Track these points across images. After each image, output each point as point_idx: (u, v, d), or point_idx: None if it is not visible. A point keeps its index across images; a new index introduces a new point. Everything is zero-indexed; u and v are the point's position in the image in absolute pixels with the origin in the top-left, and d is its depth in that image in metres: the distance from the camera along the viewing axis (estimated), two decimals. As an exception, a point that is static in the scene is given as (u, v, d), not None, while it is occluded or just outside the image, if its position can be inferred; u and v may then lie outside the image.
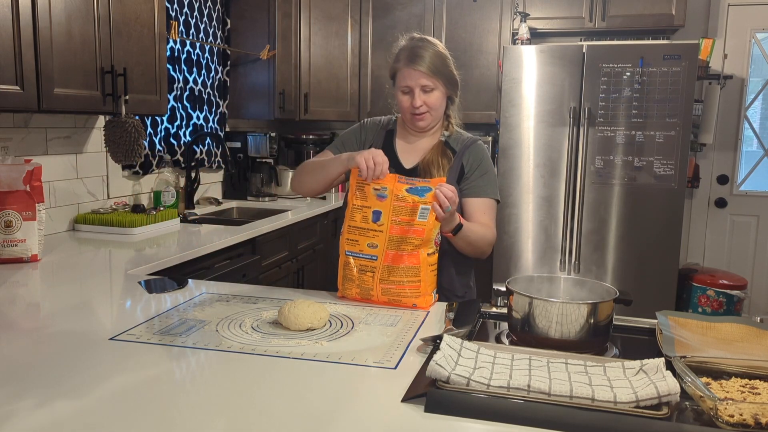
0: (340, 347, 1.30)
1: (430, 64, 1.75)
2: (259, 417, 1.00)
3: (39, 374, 1.13)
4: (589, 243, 3.60)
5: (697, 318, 1.40)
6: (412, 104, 1.78)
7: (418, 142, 1.87)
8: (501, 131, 3.65)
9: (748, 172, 4.25)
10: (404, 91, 1.79)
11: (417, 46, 1.77)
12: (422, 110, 1.78)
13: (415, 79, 1.75)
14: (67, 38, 2.13)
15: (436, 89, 1.78)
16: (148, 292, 1.71)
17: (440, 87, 1.78)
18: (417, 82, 1.75)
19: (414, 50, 1.76)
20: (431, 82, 1.76)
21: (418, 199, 1.56)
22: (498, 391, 1.02)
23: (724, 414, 0.94)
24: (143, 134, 2.46)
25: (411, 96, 1.78)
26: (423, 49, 1.76)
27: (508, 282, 1.44)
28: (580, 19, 3.92)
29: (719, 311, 3.79)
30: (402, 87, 1.79)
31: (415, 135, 1.88)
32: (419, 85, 1.76)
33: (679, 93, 3.38)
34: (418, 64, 1.74)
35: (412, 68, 1.75)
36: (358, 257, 1.62)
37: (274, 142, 3.88)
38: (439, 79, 1.77)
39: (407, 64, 1.76)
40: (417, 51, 1.76)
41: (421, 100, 1.77)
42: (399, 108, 1.84)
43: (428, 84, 1.76)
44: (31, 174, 2.12)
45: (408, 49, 1.77)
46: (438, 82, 1.77)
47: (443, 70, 1.78)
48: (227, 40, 3.74)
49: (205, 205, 3.54)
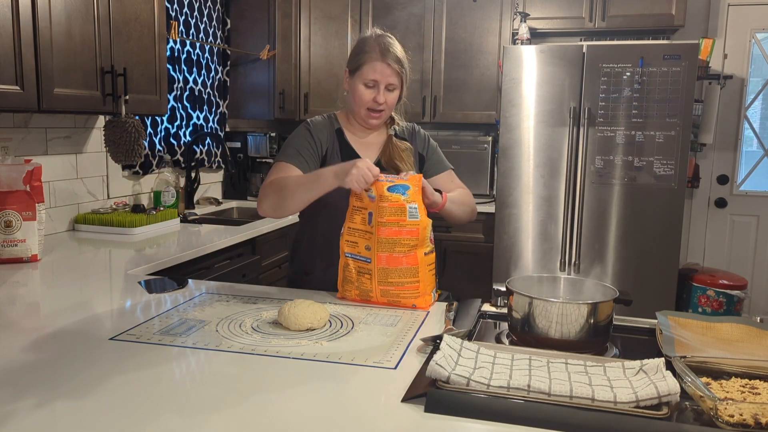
0: (340, 347, 1.30)
1: (398, 58, 1.76)
2: (259, 417, 1.00)
3: (39, 374, 1.13)
4: (589, 243, 3.60)
5: (697, 318, 1.40)
6: (375, 99, 1.77)
7: (367, 138, 1.90)
8: (501, 131, 3.65)
9: (748, 172, 4.25)
10: (368, 85, 1.77)
11: (388, 42, 1.77)
12: (381, 108, 1.79)
13: (384, 75, 1.75)
14: (67, 38, 2.13)
15: (397, 89, 1.80)
16: (148, 292, 1.71)
17: (400, 87, 1.81)
18: (385, 78, 1.76)
19: (386, 45, 1.76)
20: (397, 80, 1.77)
21: (403, 198, 1.55)
22: (498, 391, 1.02)
23: (724, 414, 0.94)
24: (143, 134, 2.46)
25: (375, 91, 1.77)
26: (393, 46, 1.77)
27: (508, 282, 1.44)
28: (580, 19, 3.91)
29: (719, 311, 3.79)
30: (367, 80, 1.77)
31: (363, 131, 1.89)
32: (386, 82, 1.76)
33: (679, 93, 3.38)
34: (390, 59, 1.74)
35: (384, 62, 1.74)
36: (357, 259, 1.62)
37: (274, 142, 3.88)
38: (402, 78, 1.79)
39: (380, 57, 1.74)
40: (389, 46, 1.76)
41: (384, 98, 1.77)
42: (354, 101, 1.80)
43: (394, 83, 1.77)
44: (31, 174, 2.12)
45: (380, 43, 1.76)
46: (401, 81, 1.79)
47: (406, 69, 1.80)
48: (227, 40, 3.74)
49: (205, 205, 3.54)
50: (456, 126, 4.28)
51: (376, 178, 1.56)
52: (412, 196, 1.55)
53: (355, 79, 1.79)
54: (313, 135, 1.84)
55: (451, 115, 4.07)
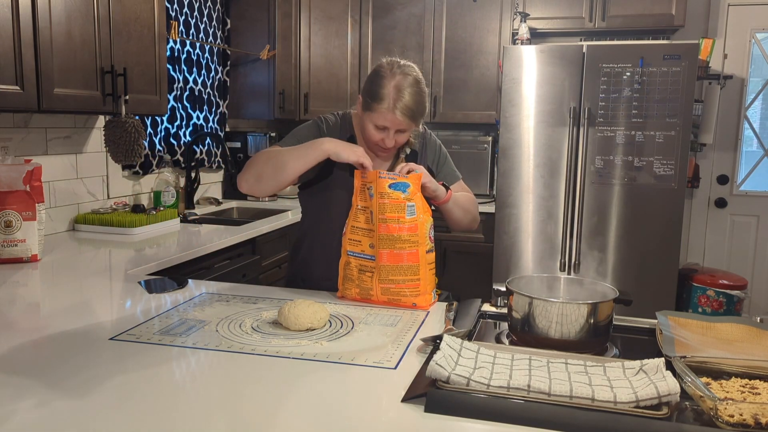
0: (340, 347, 1.30)
1: (414, 109, 1.68)
2: (258, 417, 1.00)
3: (39, 374, 1.13)
4: (589, 243, 3.60)
5: (697, 318, 1.40)
6: (384, 141, 1.72)
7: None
8: (501, 131, 3.65)
9: (748, 172, 4.25)
10: (378, 128, 1.71)
11: (401, 86, 1.66)
12: (390, 146, 1.75)
13: (395, 124, 1.69)
14: (67, 38, 2.13)
15: (409, 129, 1.75)
16: (148, 292, 1.71)
17: (412, 127, 1.75)
18: (396, 126, 1.70)
19: (401, 92, 1.65)
20: (408, 125, 1.71)
21: (402, 196, 1.56)
22: (498, 391, 1.02)
23: (724, 414, 0.94)
24: (143, 134, 2.46)
25: (385, 134, 1.72)
26: (410, 95, 1.66)
27: (508, 282, 1.44)
28: (580, 19, 3.91)
29: (719, 311, 3.79)
30: (378, 124, 1.70)
31: None
32: (397, 128, 1.71)
33: (679, 93, 3.38)
34: (402, 111, 1.66)
35: (395, 114, 1.66)
36: (359, 257, 1.62)
37: (274, 142, 3.87)
38: (415, 122, 1.72)
39: (392, 108, 1.66)
40: (403, 93, 1.65)
41: (393, 140, 1.73)
42: (364, 133, 1.76)
43: (405, 128, 1.72)
44: (31, 174, 2.12)
45: (394, 88, 1.66)
46: (414, 124, 1.73)
47: (422, 111, 1.71)
48: (227, 40, 3.74)
49: (205, 205, 3.54)
50: (456, 126, 4.28)
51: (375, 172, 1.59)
52: (412, 195, 1.57)
53: (366, 115, 1.72)
54: (322, 133, 1.80)
55: (451, 115, 4.07)
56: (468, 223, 1.89)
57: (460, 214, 1.85)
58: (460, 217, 1.85)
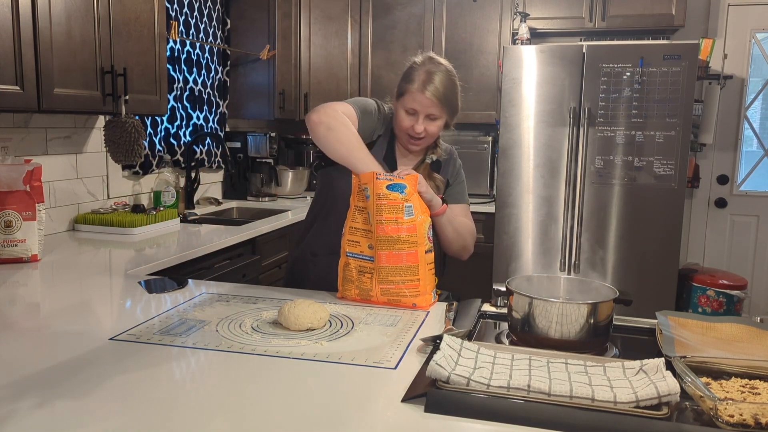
0: (340, 347, 1.30)
1: (443, 93, 1.72)
2: (259, 417, 1.00)
3: (39, 374, 1.13)
4: (589, 243, 3.60)
5: (697, 318, 1.40)
6: (414, 128, 1.75)
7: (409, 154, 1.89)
8: (501, 131, 3.65)
9: (748, 172, 4.25)
10: (409, 112, 1.75)
11: (432, 71, 1.72)
12: (421, 136, 1.76)
13: (424, 106, 1.72)
14: (67, 38, 2.13)
15: (440, 119, 1.76)
16: (148, 292, 1.71)
17: (444, 116, 1.77)
18: (425, 108, 1.73)
19: (431, 75, 1.71)
20: (438, 111, 1.74)
21: (400, 197, 1.56)
22: (498, 391, 1.02)
23: (724, 414, 0.94)
24: (143, 134, 2.46)
25: (415, 119, 1.75)
26: (438, 77, 1.72)
27: (508, 282, 1.44)
28: (580, 19, 3.92)
29: (719, 311, 3.79)
30: (408, 108, 1.75)
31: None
32: (426, 112, 1.73)
33: (679, 93, 3.38)
34: (432, 92, 1.71)
35: (424, 94, 1.71)
36: (358, 258, 1.62)
37: (274, 142, 3.88)
38: (445, 109, 1.75)
39: (421, 88, 1.71)
40: (433, 77, 1.71)
41: (423, 127, 1.75)
42: (396, 124, 1.80)
43: (435, 113, 1.74)
44: (31, 174, 2.12)
45: (424, 72, 1.72)
46: (444, 112, 1.75)
47: (452, 100, 1.75)
48: (227, 40, 3.74)
49: (205, 205, 3.54)
50: (456, 126, 4.27)
51: (372, 174, 1.58)
52: (409, 195, 1.57)
53: (398, 103, 1.77)
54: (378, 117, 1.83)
55: (451, 115, 4.07)
56: (458, 249, 1.85)
57: (452, 234, 1.80)
58: (451, 237, 1.81)
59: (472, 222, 1.92)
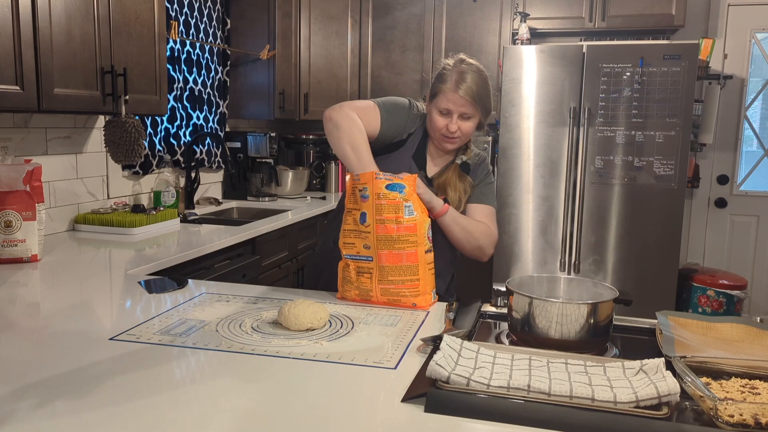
0: (340, 347, 1.30)
1: (476, 91, 1.73)
2: (259, 417, 1.00)
3: (39, 374, 1.13)
4: (589, 243, 3.60)
5: (697, 318, 1.40)
6: (448, 127, 1.76)
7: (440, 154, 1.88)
8: (501, 131, 3.65)
9: (748, 172, 4.25)
10: (442, 113, 1.76)
11: (464, 70, 1.74)
12: (455, 135, 1.77)
13: (458, 105, 1.73)
14: (67, 38, 2.13)
15: (474, 117, 1.77)
16: (148, 292, 1.71)
17: (477, 116, 1.77)
18: (459, 107, 1.74)
19: (463, 75, 1.73)
20: (472, 109, 1.74)
21: (400, 196, 1.56)
22: (498, 391, 1.02)
23: (724, 414, 0.94)
24: (143, 134, 2.46)
25: (448, 118, 1.76)
26: (471, 76, 1.73)
27: (508, 282, 1.44)
28: (580, 19, 3.92)
29: (719, 311, 3.79)
30: (441, 108, 1.76)
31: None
32: (459, 112, 1.74)
33: (679, 93, 3.38)
34: (465, 91, 1.72)
35: (457, 93, 1.72)
36: (356, 259, 1.62)
37: (274, 142, 3.88)
38: (479, 108, 1.75)
39: (454, 87, 1.72)
40: (465, 76, 1.73)
41: (457, 126, 1.75)
42: (429, 125, 1.81)
43: (468, 112, 1.75)
44: (31, 174, 2.12)
45: (456, 72, 1.74)
46: (477, 111, 1.76)
47: (484, 98, 1.76)
48: (227, 40, 3.74)
49: (205, 205, 3.54)
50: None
51: (371, 174, 1.58)
52: (408, 195, 1.57)
53: (431, 105, 1.79)
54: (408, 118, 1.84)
55: (451, 115, 4.07)
56: (471, 249, 1.83)
57: (460, 234, 1.78)
58: (459, 237, 1.79)
59: (492, 224, 1.87)
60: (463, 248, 1.83)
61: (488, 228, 1.85)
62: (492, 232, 1.85)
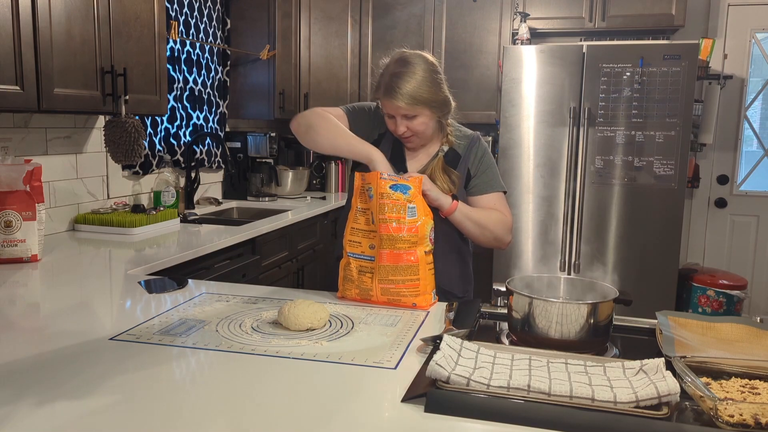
0: (340, 347, 1.30)
1: (409, 96, 1.66)
2: (259, 417, 1.00)
3: (39, 374, 1.13)
4: (589, 243, 3.60)
5: (697, 318, 1.40)
6: (396, 130, 1.74)
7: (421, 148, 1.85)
8: (501, 131, 3.65)
9: (748, 172, 4.25)
10: (388, 116, 1.74)
11: (396, 74, 1.68)
12: (406, 134, 1.75)
13: (394, 110, 1.70)
14: (67, 38, 2.13)
15: (420, 115, 1.71)
16: (148, 292, 1.71)
17: (424, 113, 1.71)
18: (397, 111, 1.70)
19: (392, 80, 1.67)
20: (411, 110, 1.69)
21: (403, 197, 1.57)
22: (498, 391, 1.02)
23: (724, 414, 0.94)
24: (143, 134, 2.46)
25: (393, 121, 1.74)
26: (401, 78, 1.66)
27: (508, 282, 1.44)
28: (580, 19, 3.92)
29: (719, 311, 3.79)
30: (386, 113, 1.74)
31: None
32: (400, 114, 1.71)
33: (679, 93, 3.38)
34: (394, 97, 1.67)
35: (389, 99, 1.69)
36: (359, 258, 1.63)
37: (274, 142, 3.88)
38: (420, 107, 1.69)
39: (384, 95, 1.69)
40: (395, 81, 1.67)
41: (405, 127, 1.72)
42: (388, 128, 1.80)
43: (408, 112, 1.70)
44: (31, 174, 2.12)
45: (387, 76, 1.69)
46: (420, 109, 1.70)
47: (426, 97, 1.68)
48: (227, 40, 3.74)
49: (205, 205, 3.54)
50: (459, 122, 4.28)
51: (375, 174, 1.59)
52: (413, 196, 1.58)
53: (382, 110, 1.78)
54: (375, 116, 1.84)
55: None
56: (487, 241, 1.79)
57: (473, 229, 1.74)
58: (474, 233, 1.75)
59: (505, 209, 1.81)
60: (479, 241, 1.80)
61: (501, 215, 1.79)
62: (506, 219, 1.80)
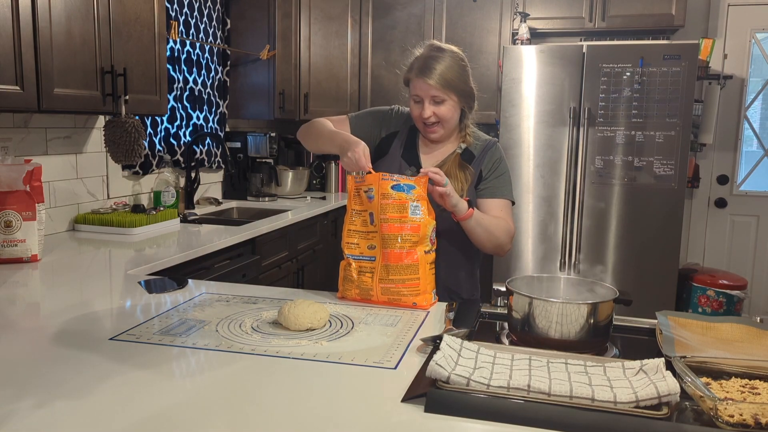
0: (340, 347, 1.30)
1: (442, 76, 1.71)
2: (259, 417, 1.00)
3: (39, 374, 1.13)
4: (589, 243, 3.60)
5: (697, 318, 1.40)
6: (422, 114, 1.75)
7: (438, 145, 1.86)
8: (501, 131, 3.65)
9: (748, 172, 4.25)
10: (415, 100, 1.77)
11: (431, 56, 1.73)
12: (432, 120, 1.76)
13: (425, 90, 1.73)
14: (67, 38, 2.13)
15: (448, 100, 1.74)
16: (148, 292, 1.71)
17: (452, 98, 1.75)
18: (427, 93, 1.73)
19: (427, 61, 1.73)
20: (442, 93, 1.73)
21: (406, 197, 1.57)
22: (498, 391, 1.02)
23: (724, 414, 0.94)
24: (143, 134, 2.46)
25: (421, 105, 1.76)
26: (436, 61, 1.72)
27: (508, 282, 1.44)
28: (580, 19, 3.92)
29: (719, 311, 3.79)
30: (413, 96, 1.77)
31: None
32: (429, 96, 1.73)
33: (679, 93, 3.38)
34: (428, 76, 1.71)
35: (422, 80, 1.72)
36: (359, 259, 1.63)
37: (274, 142, 3.88)
38: (450, 91, 1.73)
39: (418, 74, 1.73)
40: (429, 62, 1.72)
41: (431, 111, 1.74)
42: (412, 116, 1.82)
43: (438, 95, 1.73)
44: (31, 174, 2.12)
45: (422, 58, 1.74)
46: (449, 94, 1.74)
47: (456, 83, 1.74)
48: (227, 40, 3.74)
49: (205, 205, 3.54)
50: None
51: (377, 175, 1.59)
52: (417, 196, 1.58)
53: (409, 97, 1.81)
54: (390, 117, 1.90)
55: (451, 115, 4.07)
56: (492, 248, 1.79)
57: (483, 235, 1.73)
58: (482, 239, 1.75)
59: (509, 218, 1.83)
60: (484, 247, 1.80)
61: (506, 223, 1.80)
62: (509, 227, 1.81)
